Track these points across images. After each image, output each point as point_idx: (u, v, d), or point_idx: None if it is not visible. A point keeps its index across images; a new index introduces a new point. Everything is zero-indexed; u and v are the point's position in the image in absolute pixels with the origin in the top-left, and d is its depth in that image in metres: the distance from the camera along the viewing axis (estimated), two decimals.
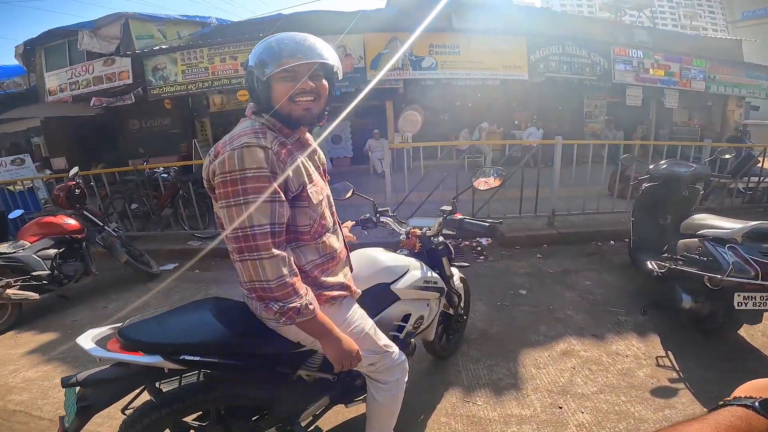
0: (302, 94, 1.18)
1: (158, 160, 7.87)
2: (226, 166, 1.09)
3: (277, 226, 1.11)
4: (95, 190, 5.44)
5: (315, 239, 1.27)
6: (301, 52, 1.15)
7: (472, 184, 2.18)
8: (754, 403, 0.46)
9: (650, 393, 2.17)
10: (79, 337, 1.20)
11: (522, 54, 9.44)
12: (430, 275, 1.80)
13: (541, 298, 3.35)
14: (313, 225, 1.25)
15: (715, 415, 0.45)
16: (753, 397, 0.47)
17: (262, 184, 1.09)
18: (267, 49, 1.16)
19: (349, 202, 2.15)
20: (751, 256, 2.31)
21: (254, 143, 1.10)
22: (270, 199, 1.10)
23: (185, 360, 1.16)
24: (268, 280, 1.08)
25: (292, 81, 1.16)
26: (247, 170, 1.08)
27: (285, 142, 1.20)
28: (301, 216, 1.22)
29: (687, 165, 3.52)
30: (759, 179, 5.78)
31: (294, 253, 1.23)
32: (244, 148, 1.09)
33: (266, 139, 1.14)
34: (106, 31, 10.01)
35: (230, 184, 1.09)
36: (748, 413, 0.44)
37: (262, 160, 1.09)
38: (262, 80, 1.16)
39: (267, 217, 1.09)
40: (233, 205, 1.09)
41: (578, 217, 5.09)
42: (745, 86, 11.73)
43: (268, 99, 1.19)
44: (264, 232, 1.08)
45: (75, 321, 3.47)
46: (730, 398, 0.49)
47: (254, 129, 1.16)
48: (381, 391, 1.45)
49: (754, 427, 0.43)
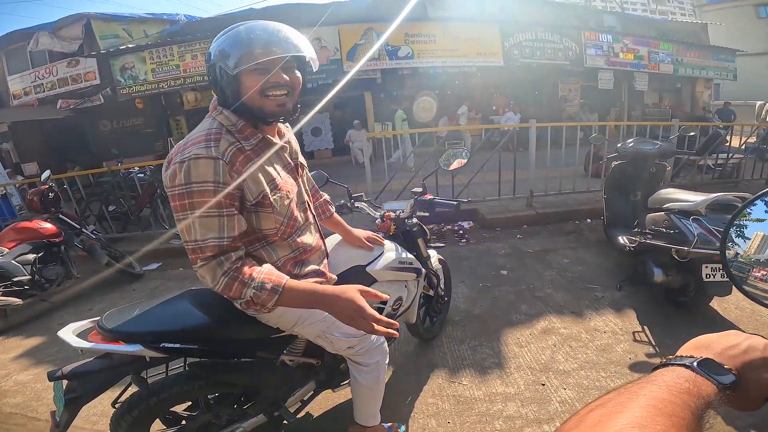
0: (275, 88, 1.11)
1: (133, 160, 7.69)
2: (174, 179, 1.06)
3: (227, 239, 1.08)
4: (70, 193, 5.31)
5: (284, 239, 1.25)
6: (276, 44, 1.06)
7: (440, 166, 2.27)
8: (692, 363, 0.46)
9: (629, 368, 2.25)
10: (61, 331, 1.21)
11: (496, 41, 9.54)
12: (405, 256, 1.83)
13: (522, 278, 3.43)
14: (280, 228, 1.22)
15: (662, 376, 0.44)
16: (693, 356, 0.48)
17: (208, 199, 1.05)
18: (236, 40, 1.07)
19: (324, 190, 2.17)
20: (716, 227, 2.37)
21: (203, 154, 1.05)
22: (216, 214, 1.06)
23: (166, 347, 1.17)
24: (214, 287, 1.08)
25: (264, 74, 1.08)
26: (192, 184, 1.04)
27: (243, 148, 1.13)
28: (265, 221, 1.19)
29: (652, 142, 3.61)
30: (727, 156, 6.00)
31: (264, 250, 1.22)
32: (191, 161, 1.04)
33: (219, 147, 1.08)
34: (67, 31, 9.69)
35: (178, 198, 1.06)
36: (694, 377, 0.44)
37: (209, 173, 1.04)
38: (230, 74, 1.07)
39: (214, 231, 1.06)
40: (182, 219, 1.07)
41: (556, 197, 5.21)
42: (712, 68, 12.14)
43: (236, 93, 1.11)
44: (211, 246, 1.06)
45: (61, 324, 3.39)
46: (672, 357, 0.49)
47: (208, 134, 1.09)
48: (363, 373, 1.48)
49: (702, 389, 0.43)
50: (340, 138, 10.55)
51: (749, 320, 2.64)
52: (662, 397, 0.40)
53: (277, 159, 1.26)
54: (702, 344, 0.51)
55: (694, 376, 0.44)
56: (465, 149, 2.22)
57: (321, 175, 2.07)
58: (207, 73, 1.16)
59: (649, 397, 0.40)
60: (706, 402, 0.41)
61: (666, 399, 0.39)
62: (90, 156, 10.44)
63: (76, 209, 5.37)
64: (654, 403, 0.38)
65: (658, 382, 0.42)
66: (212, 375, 1.34)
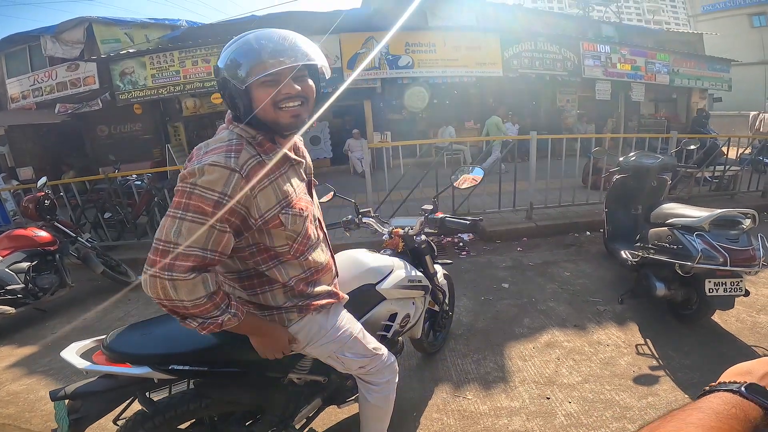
0: (288, 99, 1.07)
1: (130, 166, 7.66)
2: (186, 177, 1.01)
3: (210, 252, 1.01)
4: (65, 200, 5.26)
5: (297, 257, 1.21)
6: (284, 53, 1.03)
7: (452, 184, 2.22)
8: (740, 388, 0.47)
9: (633, 381, 2.25)
10: (63, 351, 1.18)
11: (496, 51, 9.59)
12: (414, 274, 1.82)
13: (524, 291, 3.43)
14: (293, 245, 1.18)
15: (708, 403, 0.45)
16: (738, 382, 0.49)
17: (207, 207, 0.99)
18: (242, 50, 1.04)
19: (330, 204, 2.15)
20: (719, 243, 2.41)
21: (221, 163, 1.01)
22: (209, 225, 1.00)
23: (175, 370, 1.15)
24: (182, 299, 0.99)
25: (275, 86, 1.05)
26: (198, 186, 0.99)
27: (263, 162, 1.09)
28: (278, 238, 1.15)
29: (654, 156, 3.65)
30: (724, 168, 6.06)
31: (276, 269, 1.19)
32: (207, 166, 1.00)
33: (239, 158, 1.04)
34: (69, 35, 9.65)
35: (179, 195, 1.01)
36: (740, 401, 0.45)
37: (220, 183, 1.00)
38: (240, 88, 1.04)
39: (200, 240, 0.99)
40: (170, 216, 1.01)
41: (555, 210, 5.22)
42: (708, 78, 12.25)
43: (248, 107, 1.07)
44: (187, 254, 0.98)
45: (54, 333, 3.39)
46: (716, 384, 0.50)
47: (230, 145, 1.06)
48: (373, 392, 1.46)
49: (749, 414, 0.44)
50: (339, 147, 10.56)
51: (750, 332, 2.66)
52: (711, 424, 0.41)
53: (295, 175, 1.22)
54: (744, 371, 0.52)
55: (741, 400, 0.45)
56: (475, 166, 2.18)
57: (327, 188, 2.06)
58: (218, 87, 1.13)
59: (698, 425, 0.41)
60: (753, 426, 0.43)
61: (715, 426, 0.41)
62: (86, 161, 10.38)
63: (72, 216, 5.31)
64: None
65: (705, 409, 0.44)
66: (219, 394, 1.31)
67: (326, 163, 11.14)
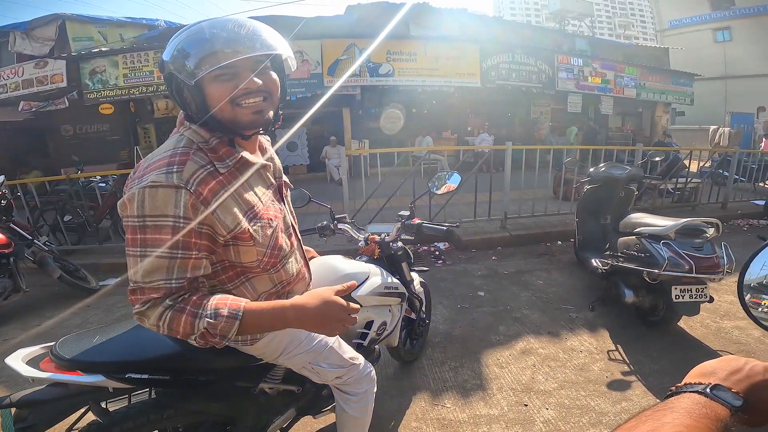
0: (248, 95, 0.95)
1: (95, 168, 7.32)
2: (128, 208, 0.91)
3: (176, 281, 0.92)
4: (23, 201, 4.98)
5: (267, 270, 1.10)
6: (240, 42, 0.90)
7: (429, 190, 2.22)
8: (705, 389, 0.48)
9: (606, 386, 2.29)
10: (8, 358, 1.09)
11: (475, 61, 9.80)
12: (391, 281, 1.79)
13: (499, 299, 3.46)
14: (263, 259, 1.07)
15: (679, 403, 0.46)
16: (702, 383, 0.50)
17: (164, 236, 0.89)
18: (192, 40, 0.91)
19: (306, 210, 2.11)
20: (685, 251, 2.51)
21: (162, 182, 0.89)
22: (168, 255, 0.90)
23: (132, 378, 1.08)
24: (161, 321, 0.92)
25: (232, 80, 0.93)
26: (147, 218, 0.89)
27: (215, 172, 0.97)
28: (245, 254, 1.04)
29: (623, 167, 3.78)
30: (686, 180, 6.35)
31: (243, 287, 1.09)
32: (148, 189, 0.89)
33: (184, 172, 0.91)
34: (40, 32, 9.30)
35: (131, 231, 0.92)
36: (709, 402, 0.46)
37: (169, 205, 0.89)
38: (189, 84, 0.92)
39: (162, 272, 0.90)
40: (130, 255, 0.92)
41: (528, 219, 5.32)
42: (672, 92, 12.88)
43: (201, 105, 0.94)
44: (155, 287, 0.91)
45: (6, 340, 3.18)
46: (681, 385, 0.51)
47: (173, 156, 0.93)
48: (350, 403, 1.41)
49: (718, 414, 0.45)
50: (316, 154, 10.48)
51: (715, 337, 2.77)
52: (686, 423, 0.42)
53: (259, 181, 1.10)
54: (707, 371, 0.53)
55: (708, 401, 0.46)
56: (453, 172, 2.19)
57: (303, 194, 2.01)
58: (164, 82, 0.99)
59: (674, 424, 0.42)
60: (723, 425, 0.44)
61: (690, 425, 0.42)
62: (48, 162, 9.90)
63: (29, 218, 5.03)
64: (680, 430, 0.41)
65: (677, 409, 0.45)
66: (183, 404, 1.23)
67: (303, 170, 11.04)
